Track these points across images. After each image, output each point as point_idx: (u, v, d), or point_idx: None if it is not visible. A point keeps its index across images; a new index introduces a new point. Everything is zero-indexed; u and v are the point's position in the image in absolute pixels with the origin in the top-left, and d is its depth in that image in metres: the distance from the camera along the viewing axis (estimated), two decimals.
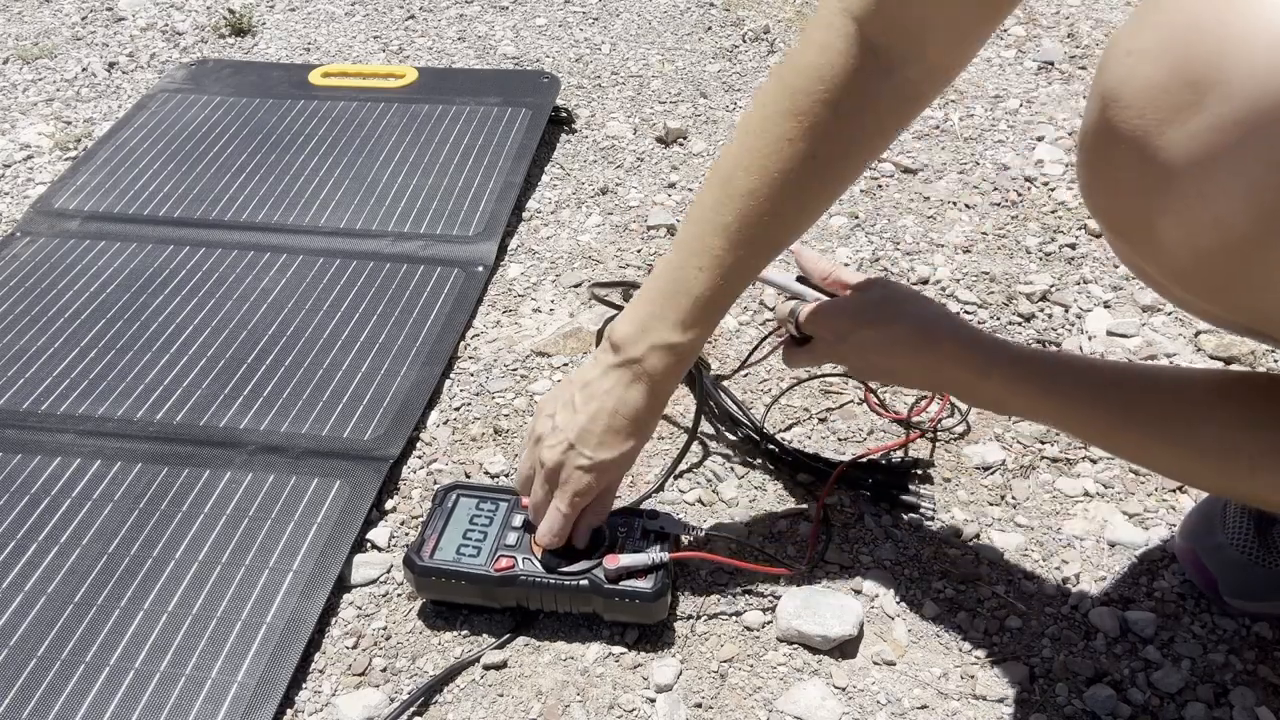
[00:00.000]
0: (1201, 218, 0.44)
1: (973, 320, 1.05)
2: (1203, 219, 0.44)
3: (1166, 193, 0.45)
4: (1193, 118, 0.43)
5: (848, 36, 0.62)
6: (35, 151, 1.40)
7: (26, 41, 1.71)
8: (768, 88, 0.66)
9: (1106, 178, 0.49)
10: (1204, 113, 0.42)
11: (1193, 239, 0.45)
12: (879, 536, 0.82)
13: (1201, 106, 0.42)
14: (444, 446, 0.92)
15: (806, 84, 0.64)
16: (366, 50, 1.65)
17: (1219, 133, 0.42)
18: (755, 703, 0.71)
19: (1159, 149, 0.44)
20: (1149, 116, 0.44)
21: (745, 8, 1.73)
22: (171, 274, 1.12)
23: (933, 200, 1.24)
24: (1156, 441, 0.61)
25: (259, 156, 1.32)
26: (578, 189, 1.29)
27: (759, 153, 0.65)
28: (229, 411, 0.94)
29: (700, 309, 0.68)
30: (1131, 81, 0.45)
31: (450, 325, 1.04)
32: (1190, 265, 0.47)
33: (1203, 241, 0.45)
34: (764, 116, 0.65)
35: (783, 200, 0.65)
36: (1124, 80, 0.45)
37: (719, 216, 0.67)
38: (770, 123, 0.65)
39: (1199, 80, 0.42)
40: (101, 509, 0.84)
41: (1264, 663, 0.72)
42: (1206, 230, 0.44)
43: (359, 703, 0.71)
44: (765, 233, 0.67)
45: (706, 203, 0.68)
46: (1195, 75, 0.42)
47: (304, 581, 0.78)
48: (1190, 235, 0.45)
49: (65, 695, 0.70)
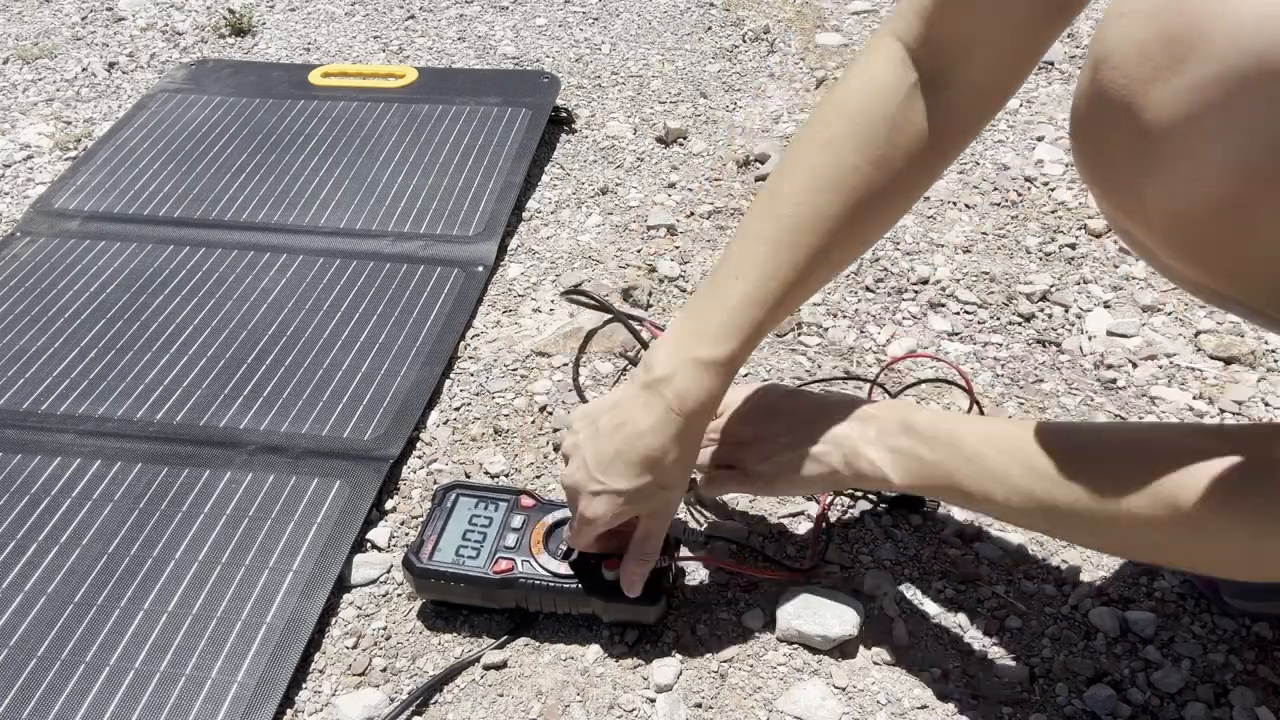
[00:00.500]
0: (1184, 177, 0.45)
1: (972, 320, 1.05)
2: (1185, 179, 0.45)
3: (1151, 152, 0.45)
4: (1175, 77, 0.43)
5: (895, 57, 0.63)
6: (35, 151, 1.40)
7: (26, 41, 1.71)
8: (819, 107, 0.67)
9: (1095, 139, 0.49)
10: (1186, 73, 0.43)
11: (1176, 199, 0.46)
12: (879, 536, 0.82)
13: (1184, 66, 0.43)
14: (444, 446, 0.92)
15: (854, 100, 0.64)
16: (366, 50, 1.65)
17: (1200, 92, 0.42)
18: (755, 703, 0.71)
19: (1144, 108, 0.45)
20: (1135, 76, 0.45)
21: (745, 8, 1.73)
22: (171, 274, 1.12)
23: (933, 200, 1.24)
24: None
25: (259, 156, 1.32)
26: (578, 189, 1.29)
27: (804, 163, 0.65)
28: (229, 411, 0.94)
29: (734, 320, 0.65)
30: (1120, 42, 0.46)
31: (450, 325, 1.04)
32: (1174, 227, 0.47)
33: (1185, 202, 0.45)
34: (811, 131, 0.66)
35: (825, 207, 0.64)
36: (1113, 41, 0.46)
37: (761, 226, 0.66)
38: (817, 135, 0.65)
39: (1182, 40, 0.43)
40: (101, 509, 0.84)
41: (1264, 663, 0.72)
42: (1189, 190, 0.45)
43: (359, 703, 0.71)
44: (806, 239, 0.65)
45: (751, 215, 0.67)
46: (1178, 35, 0.43)
47: (304, 581, 0.78)
48: (1173, 195, 0.46)
49: (65, 695, 0.71)
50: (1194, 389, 0.96)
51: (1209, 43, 0.42)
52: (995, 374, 0.98)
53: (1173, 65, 0.43)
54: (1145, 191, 0.47)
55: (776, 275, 0.65)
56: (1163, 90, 0.44)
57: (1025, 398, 0.95)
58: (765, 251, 0.65)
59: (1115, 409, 0.94)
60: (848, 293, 1.09)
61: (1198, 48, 0.42)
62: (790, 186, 0.65)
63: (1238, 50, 0.41)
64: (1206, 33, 0.42)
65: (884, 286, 1.10)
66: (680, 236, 1.19)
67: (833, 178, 0.64)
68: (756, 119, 1.42)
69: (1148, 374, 0.98)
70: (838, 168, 0.64)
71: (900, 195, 0.67)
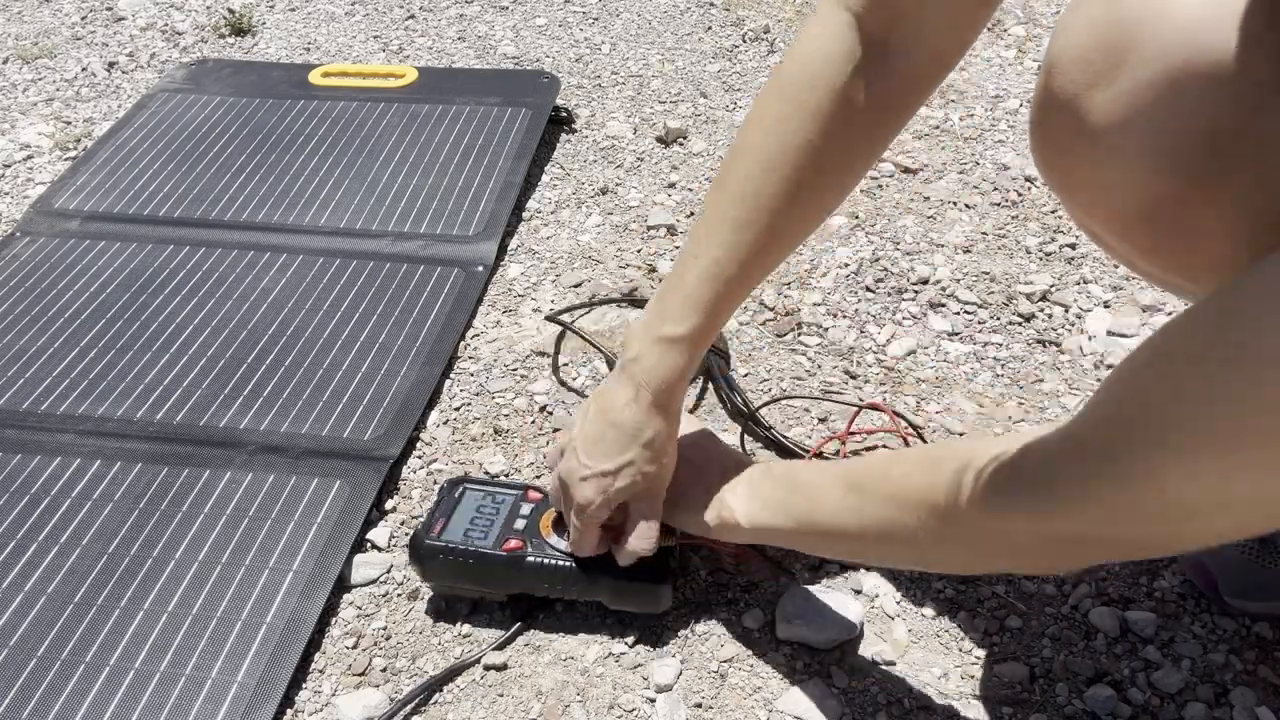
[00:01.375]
0: (1126, 177, 0.48)
1: (972, 320, 1.06)
2: (1127, 178, 0.48)
3: (1096, 153, 0.49)
4: (1114, 82, 0.46)
5: (843, 25, 0.63)
6: (35, 151, 1.40)
7: (26, 41, 1.71)
8: (768, 83, 0.66)
9: (1048, 141, 0.52)
10: (1123, 78, 0.46)
11: (1124, 197, 0.49)
12: None
13: (1121, 72, 0.46)
14: (444, 446, 0.92)
15: (802, 73, 0.64)
16: (366, 50, 1.65)
17: (1136, 95, 0.46)
18: (755, 703, 0.71)
19: (1089, 111, 0.48)
20: (1079, 82, 0.48)
21: (745, 8, 1.73)
22: (171, 274, 1.12)
23: (933, 200, 1.24)
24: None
25: (259, 156, 1.32)
26: (578, 189, 1.29)
27: (755, 140, 0.65)
28: (229, 411, 0.94)
29: (692, 297, 0.67)
30: (1067, 50, 0.49)
31: (450, 325, 1.04)
32: (1125, 223, 0.50)
33: (1133, 199, 0.48)
34: (762, 107, 0.66)
35: (778, 183, 0.65)
36: (1059, 50, 0.50)
37: (717, 205, 0.67)
38: (768, 111, 0.65)
39: (1118, 47, 0.46)
40: (101, 509, 0.84)
41: (1264, 663, 0.72)
42: (1134, 187, 0.48)
43: (359, 703, 0.71)
44: (760, 217, 0.65)
45: (710, 194, 0.68)
46: (1115, 43, 0.46)
47: (304, 581, 0.78)
48: (1121, 194, 0.48)
49: (65, 695, 0.71)
50: None
51: (1142, 49, 0.45)
52: (995, 374, 0.98)
53: (1111, 71, 0.46)
54: (1096, 190, 0.50)
55: (733, 252, 0.66)
56: (1104, 94, 0.47)
57: (1025, 398, 0.95)
58: (724, 230, 0.66)
59: None
60: (848, 293, 1.09)
61: (1132, 54, 0.45)
62: (742, 164, 0.66)
63: (1167, 56, 0.44)
64: (1139, 40, 0.45)
65: (884, 286, 1.10)
66: (680, 236, 1.19)
67: (782, 153, 0.65)
68: None
69: None
70: (787, 142, 0.64)
71: (857, 160, 0.68)
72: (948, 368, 0.99)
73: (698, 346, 0.68)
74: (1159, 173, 0.46)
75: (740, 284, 0.68)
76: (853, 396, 0.96)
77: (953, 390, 0.96)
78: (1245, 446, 0.38)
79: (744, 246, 0.66)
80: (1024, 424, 0.92)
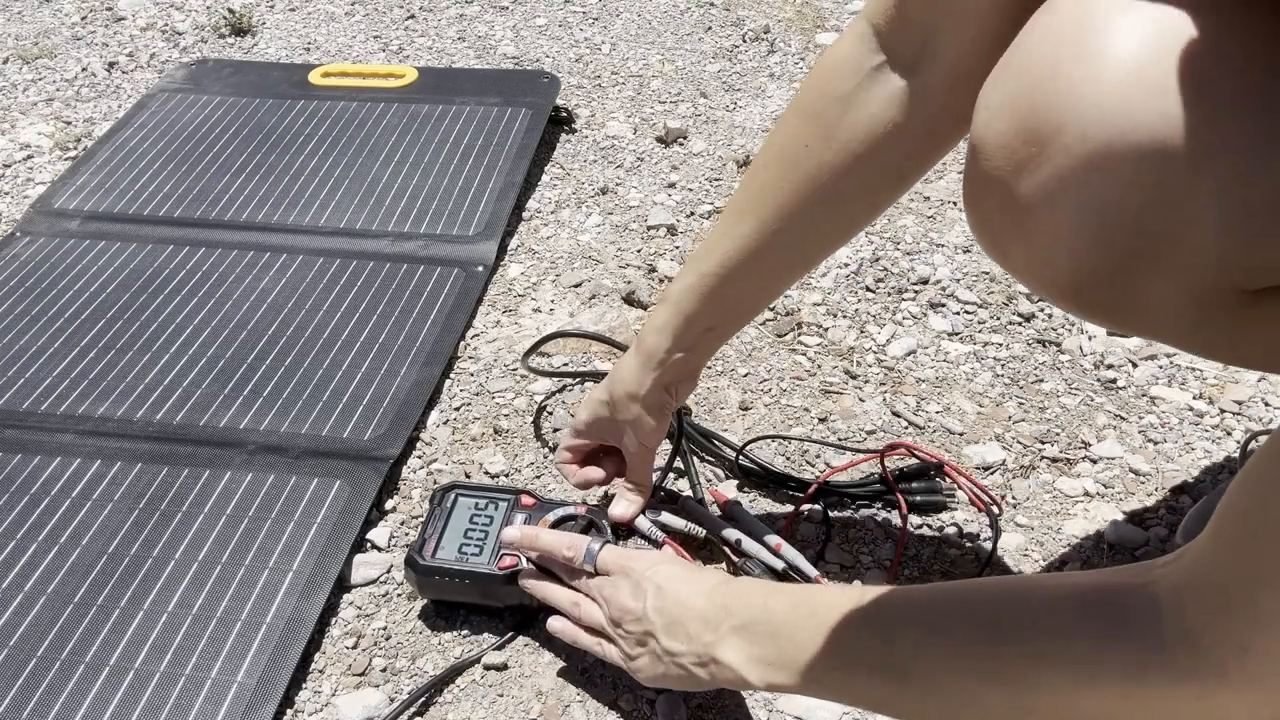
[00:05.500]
0: (1064, 257, 0.48)
1: (972, 320, 1.06)
2: (1065, 258, 0.48)
3: (1029, 232, 0.48)
4: (1039, 168, 0.46)
5: (863, 38, 0.63)
6: (35, 151, 1.40)
7: (26, 41, 1.71)
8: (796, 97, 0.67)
9: (983, 221, 0.52)
10: (1047, 164, 0.46)
11: (1060, 273, 0.49)
12: (879, 536, 0.82)
13: (1044, 158, 0.46)
14: (444, 446, 0.92)
15: (812, 79, 0.64)
16: (366, 50, 1.65)
17: (1062, 180, 0.45)
18: (755, 703, 0.71)
19: (1018, 194, 0.48)
20: (1005, 167, 0.48)
21: (745, 8, 1.73)
22: (171, 274, 1.12)
23: (933, 200, 1.24)
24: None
25: (259, 156, 1.32)
26: (578, 189, 1.29)
27: (764, 147, 0.67)
28: (229, 411, 0.94)
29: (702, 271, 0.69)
30: (987, 135, 0.49)
31: (450, 325, 1.04)
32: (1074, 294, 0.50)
33: (1069, 275, 0.48)
34: (783, 118, 0.67)
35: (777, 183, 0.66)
36: (982, 133, 0.49)
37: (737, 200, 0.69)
38: (785, 122, 0.66)
39: (1038, 135, 0.46)
40: (101, 509, 0.84)
41: None
42: (1068, 266, 0.48)
43: (359, 703, 0.71)
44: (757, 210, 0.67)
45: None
46: (1035, 130, 0.46)
47: (304, 581, 0.78)
48: (1062, 270, 0.48)
49: (65, 695, 0.71)
50: (1194, 389, 0.96)
51: (1063, 135, 0.45)
52: (995, 374, 0.98)
53: (1035, 158, 0.46)
54: (1038, 266, 0.50)
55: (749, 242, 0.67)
56: (1030, 180, 0.47)
57: (1025, 398, 0.95)
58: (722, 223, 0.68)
59: (1115, 409, 0.94)
60: (848, 293, 1.09)
61: (1053, 141, 0.45)
62: (759, 171, 0.68)
63: (1088, 140, 0.44)
64: (1060, 126, 0.45)
65: (884, 286, 1.10)
66: (680, 236, 1.19)
67: (783, 155, 0.65)
68: (756, 119, 1.42)
69: (1148, 374, 0.98)
70: (788, 145, 0.65)
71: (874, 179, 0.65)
72: (948, 368, 0.99)
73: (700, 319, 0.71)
74: (1095, 251, 0.46)
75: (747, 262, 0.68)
76: (851, 395, 0.96)
77: (953, 390, 0.96)
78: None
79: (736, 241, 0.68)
80: (1024, 424, 0.92)
